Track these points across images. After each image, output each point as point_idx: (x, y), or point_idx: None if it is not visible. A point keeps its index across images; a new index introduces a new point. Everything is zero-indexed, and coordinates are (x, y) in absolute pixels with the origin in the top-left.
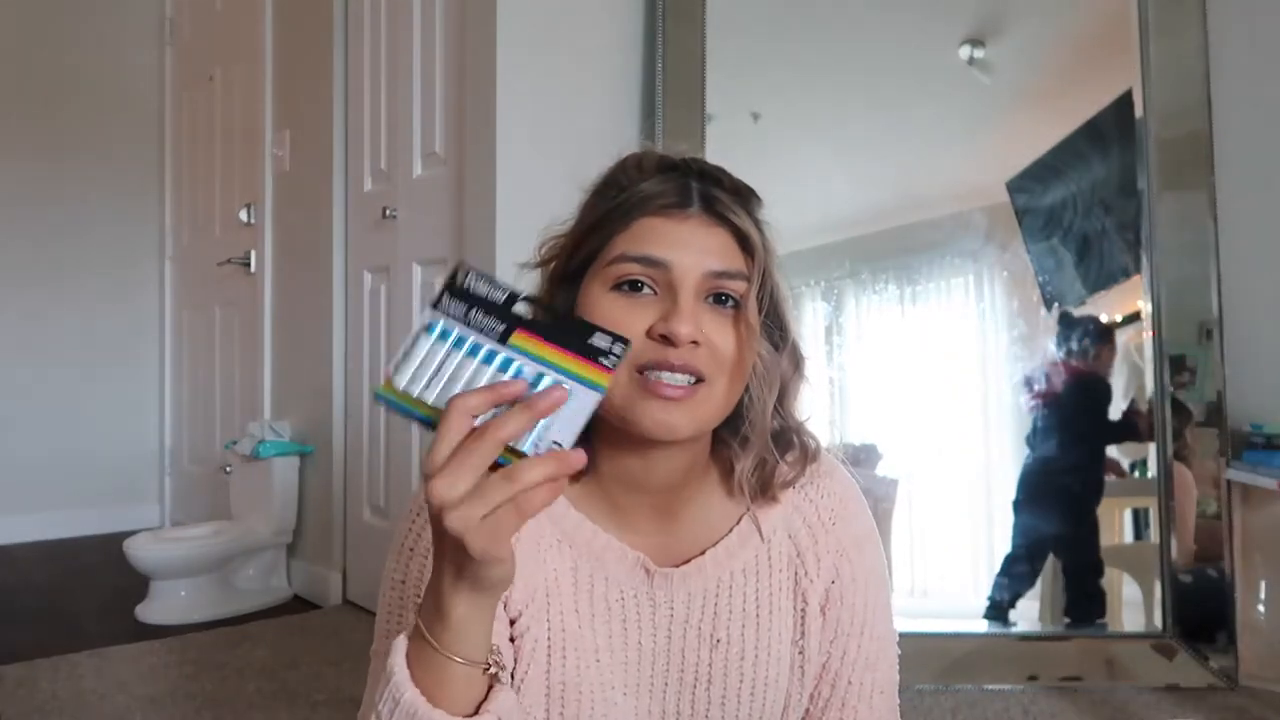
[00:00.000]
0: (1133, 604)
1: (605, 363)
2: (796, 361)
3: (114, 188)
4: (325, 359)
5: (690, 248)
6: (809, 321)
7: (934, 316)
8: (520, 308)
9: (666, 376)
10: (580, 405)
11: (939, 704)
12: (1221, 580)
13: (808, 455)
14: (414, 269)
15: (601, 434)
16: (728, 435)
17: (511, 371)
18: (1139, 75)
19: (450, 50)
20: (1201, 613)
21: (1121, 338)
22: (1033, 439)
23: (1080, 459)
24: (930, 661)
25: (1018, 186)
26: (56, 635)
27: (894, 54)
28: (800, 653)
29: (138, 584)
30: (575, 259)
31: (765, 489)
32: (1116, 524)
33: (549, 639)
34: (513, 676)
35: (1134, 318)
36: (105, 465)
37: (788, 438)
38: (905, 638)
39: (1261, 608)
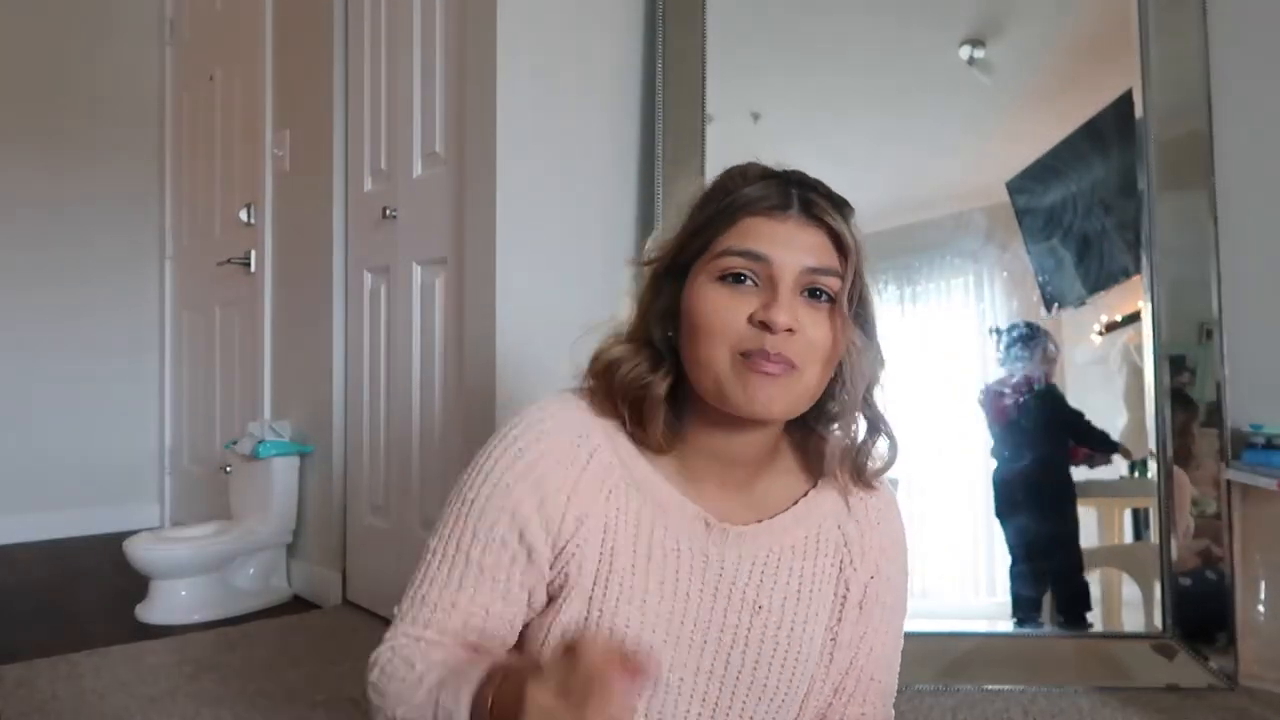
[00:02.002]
0: (1133, 604)
1: None
2: (879, 358)
3: (113, 188)
4: (325, 359)
5: (790, 245)
6: None
7: (934, 316)
8: None
9: (765, 359)
10: None
11: (939, 704)
12: (1221, 580)
13: (895, 448)
14: (414, 269)
15: (695, 411)
16: (810, 418)
17: None
18: (1139, 75)
19: (450, 50)
20: (1201, 613)
21: (1120, 338)
22: (997, 450)
23: (1043, 461)
24: (930, 661)
25: (1018, 187)
26: (56, 635)
27: (894, 54)
28: (833, 639)
29: (138, 584)
30: (682, 256)
31: (859, 475)
32: (1116, 524)
33: (597, 569)
34: (555, 596)
35: (1134, 318)
36: (105, 465)
37: (877, 428)
38: (905, 637)
39: (1261, 608)
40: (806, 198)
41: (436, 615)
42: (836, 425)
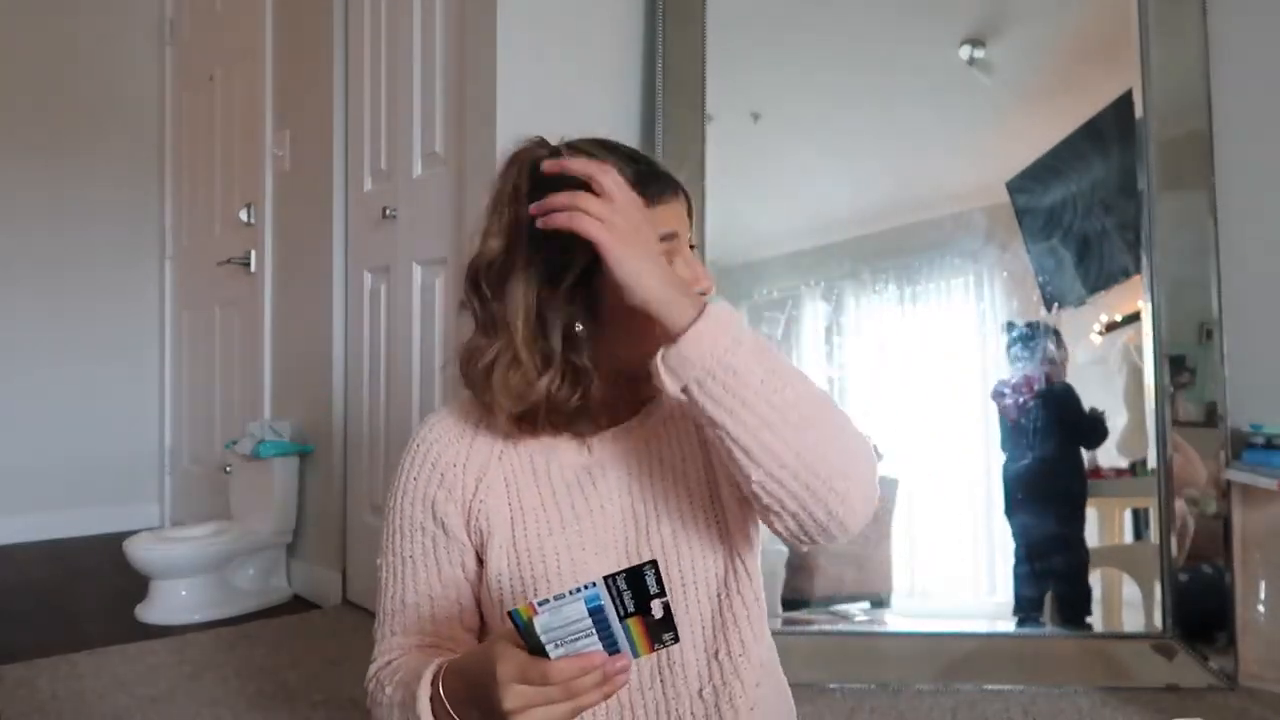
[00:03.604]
0: (1133, 604)
1: (657, 646)
2: None
3: (114, 188)
4: (325, 359)
5: (682, 220)
6: (809, 322)
7: (934, 316)
8: (656, 607)
9: None
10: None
11: (939, 704)
12: (1221, 580)
13: None
14: (414, 269)
15: (599, 377)
16: None
17: (616, 644)
18: (1139, 75)
19: (450, 50)
20: (1201, 613)
21: (1120, 338)
22: (1006, 445)
23: (1057, 461)
24: (930, 661)
25: (1018, 186)
26: (56, 635)
27: (894, 54)
28: (712, 482)
29: (138, 584)
30: (575, 266)
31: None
32: (1116, 524)
33: (510, 514)
34: (482, 555)
35: (1134, 318)
36: (105, 465)
37: None
38: (905, 638)
39: (1261, 608)
40: (673, 178)
41: (395, 620)
42: None
